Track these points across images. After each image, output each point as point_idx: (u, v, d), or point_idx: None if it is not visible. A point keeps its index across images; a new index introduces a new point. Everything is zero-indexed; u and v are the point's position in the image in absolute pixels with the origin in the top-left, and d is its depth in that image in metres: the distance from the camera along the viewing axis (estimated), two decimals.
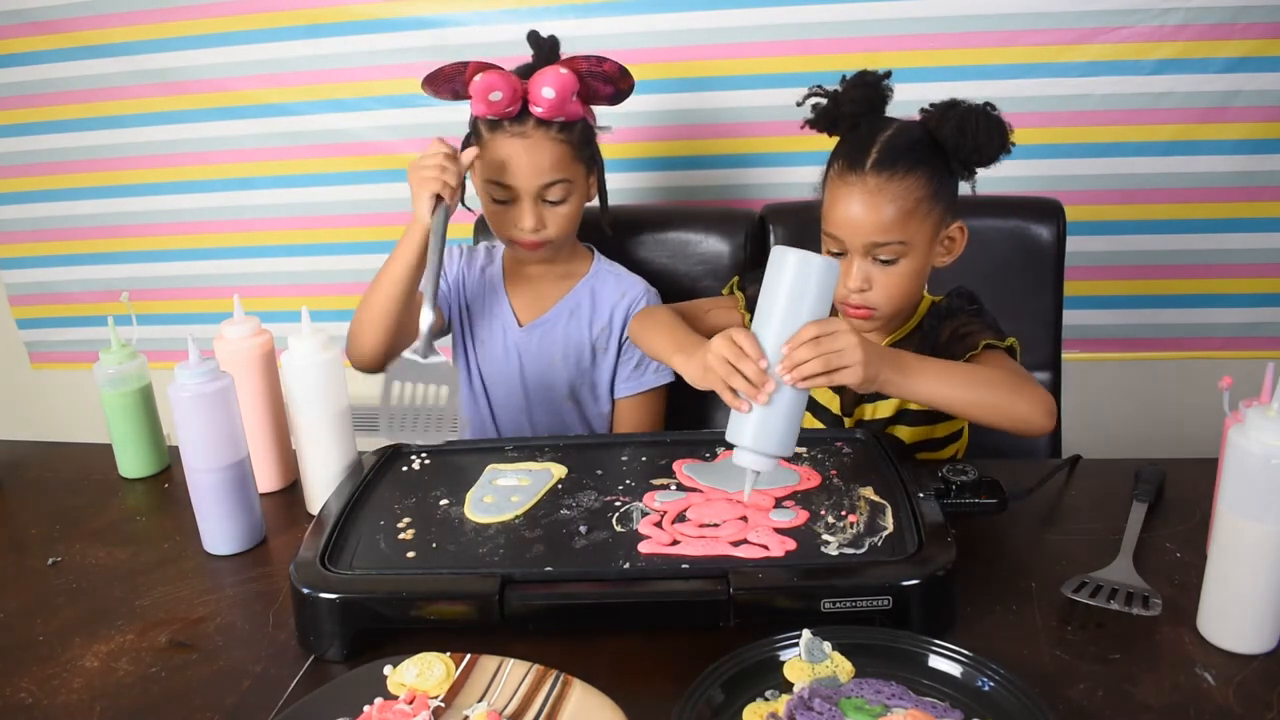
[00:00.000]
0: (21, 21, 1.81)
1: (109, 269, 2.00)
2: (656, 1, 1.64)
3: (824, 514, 0.89)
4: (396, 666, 0.75)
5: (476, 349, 1.38)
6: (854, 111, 1.09)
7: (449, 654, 0.76)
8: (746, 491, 0.89)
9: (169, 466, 1.20)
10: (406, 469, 1.03)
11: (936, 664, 0.73)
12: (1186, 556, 0.90)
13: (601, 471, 1.00)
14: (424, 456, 1.06)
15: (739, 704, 0.70)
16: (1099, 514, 0.98)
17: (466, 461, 1.04)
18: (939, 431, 1.18)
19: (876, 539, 0.84)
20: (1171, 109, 1.60)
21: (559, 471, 1.01)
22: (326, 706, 0.72)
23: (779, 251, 0.87)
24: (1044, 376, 1.40)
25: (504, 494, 0.96)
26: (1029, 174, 1.61)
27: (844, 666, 0.73)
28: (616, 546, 0.86)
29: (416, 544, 0.88)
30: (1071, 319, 1.49)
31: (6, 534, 1.09)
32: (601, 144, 1.33)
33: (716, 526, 0.88)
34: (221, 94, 1.81)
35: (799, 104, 1.13)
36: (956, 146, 1.05)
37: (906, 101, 1.11)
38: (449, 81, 1.22)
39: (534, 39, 1.25)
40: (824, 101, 1.11)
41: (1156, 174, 1.64)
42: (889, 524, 0.87)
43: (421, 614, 0.80)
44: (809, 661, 0.73)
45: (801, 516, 0.89)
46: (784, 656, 0.74)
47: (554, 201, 1.26)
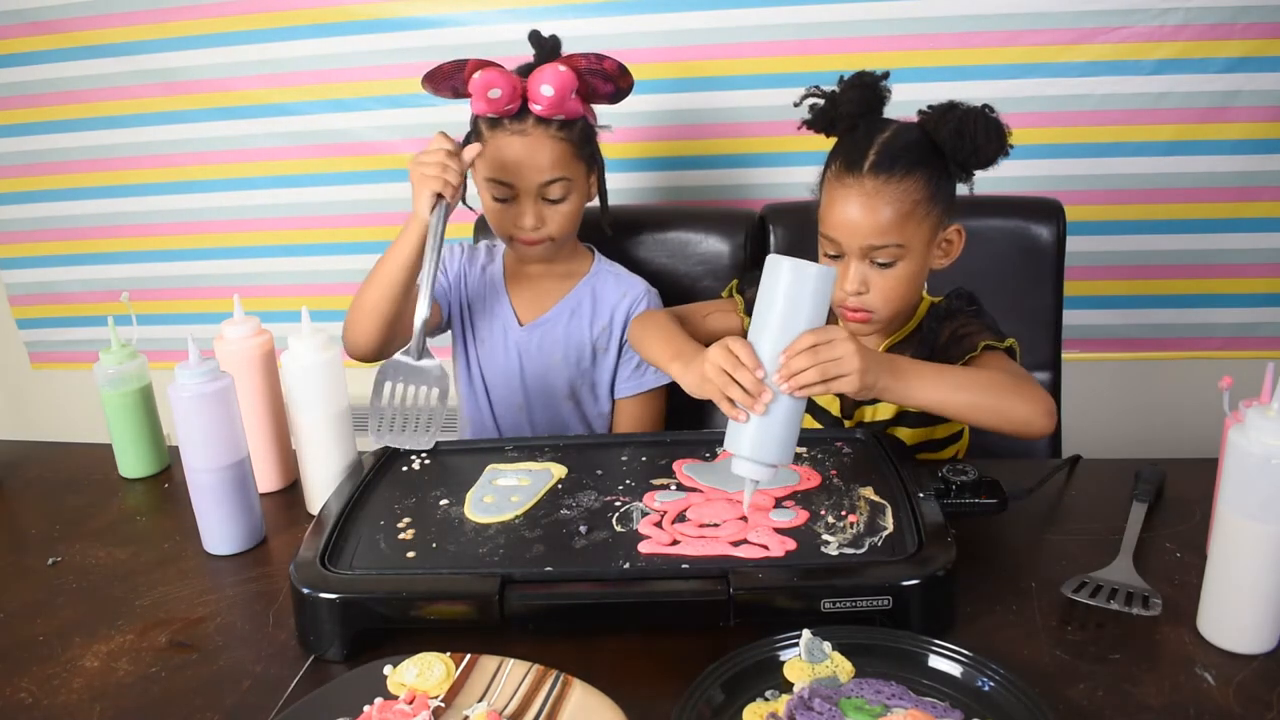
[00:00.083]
0: (21, 21, 1.81)
1: (109, 269, 2.01)
2: (656, 1, 1.64)
3: (824, 514, 0.89)
4: (396, 666, 0.75)
5: (477, 348, 1.38)
6: (851, 112, 1.09)
7: (449, 654, 0.76)
8: (745, 501, 0.89)
9: (169, 466, 1.20)
10: (406, 469, 1.03)
11: (936, 664, 0.73)
12: (1186, 556, 0.90)
13: (601, 471, 1.00)
14: (424, 456, 1.05)
15: (739, 704, 0.70)
16: (1099, 514, 0.98)
17: (466, 461, 1.04)
18: (939, 433, 1.18)
19: (876, 539, 0.84)
20: (1171, 109, 1.60)
21: (559, 471, 1.01)
22: (326, 706, 0.72)
23: (773, 260, 0.87)
24: (1044, 376, 1.40)
25: (504, 494, 0.96)
26: (1029, 174, 1.61)
27: (844, 666, 0.73)
28: (616, 546, 0.86)
29: (416, 544, 0.88)
30: (1071, 319, 1.49)
31: (6, 534, 1.09)
32: (601, 144, 1.33)
33: (716, 526, 0.88)
34: (222, 94, 1.81)
35: (796, 104, 1.12)
36: (955, 149, 1.05)
37: (905, 102, 1.11)
38: (448, 79, 1.21)
39: (535, 39, 1.25)
40: (821, 102, 1.11)
41: (1156, 174, 1.64)
42: (889, 524, 0.87)
43: (421, 614, 0.80)
44: (809, 661, 0.73)
45: (801, 516, 0.89)
46: (784, 656, 0.74)
47: (554, 200, 1.26)
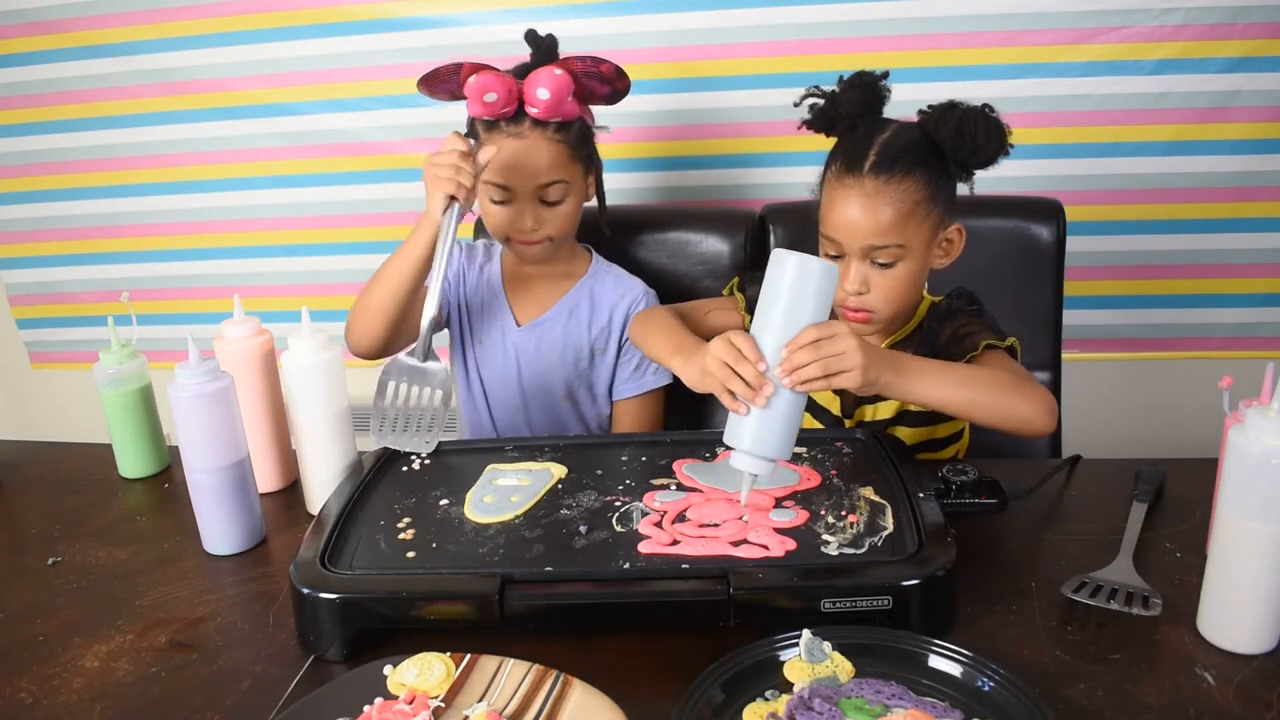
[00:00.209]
0: (21, 21, 1.81)
1: (109, 269, 2.01)
2: (656, 1, 1.64)
3: (824, 514, 0.89)
4: (396, 666, 0.75)
5: (475, 348, 1.38)
6: (851, 112, 1.09)
7: (449, 654, 0.76)
8: (744, 495, 0.89)
9: (169, 466, 1.20)
10: (406, 469, 1.03)
11: (936, 664, 0.73)
12: (1186, 556, 0.90)
13: (601, 471, 1.00)
14: (424, 457, 1.06)
15: (739, 704, 0.70)
16: (1099, 514, 0.98)
17: (466, 461, 1.04)
18: (940, 432, 1.18)
19: (876, 539, 0.84)
20: (1171, 109, 1.60)
21: (559, 471, 1.01)
22: (326, 706, 0.72)
23: (779, 255, 0.87)
24: (1044, 376, 1.40)
25: (504, 494, 0.96)
26: (1029, 174, 1.62)
27: (844, 666, 0.73)
28: (616, 546, 0.86)
29: (416, 544, 0.88)
30: (1071, 319, 1.49)
31: (6, 534, 1.09)
32: (602, 144, 1.33)
33: (716, 526, 0.88)
34: (221, 94, 1.81)
35: (796, 104, 1.12)
36: (955, 148, 1.05)
37: (905, 102, 1.11)
38: (444, 82, 1.21)
39: (532, 38, 1.25)
40: (821, 102, 1.11)
41: (1156, 174, 1.64)
42: (889, 524, 0.87)
43: (421, 614, 0.80)
44: (809, 661, 0.73)
45: (801, 516, 0.89)
46: (784, 656, 0.74)
47: (552, 202, 1.26)
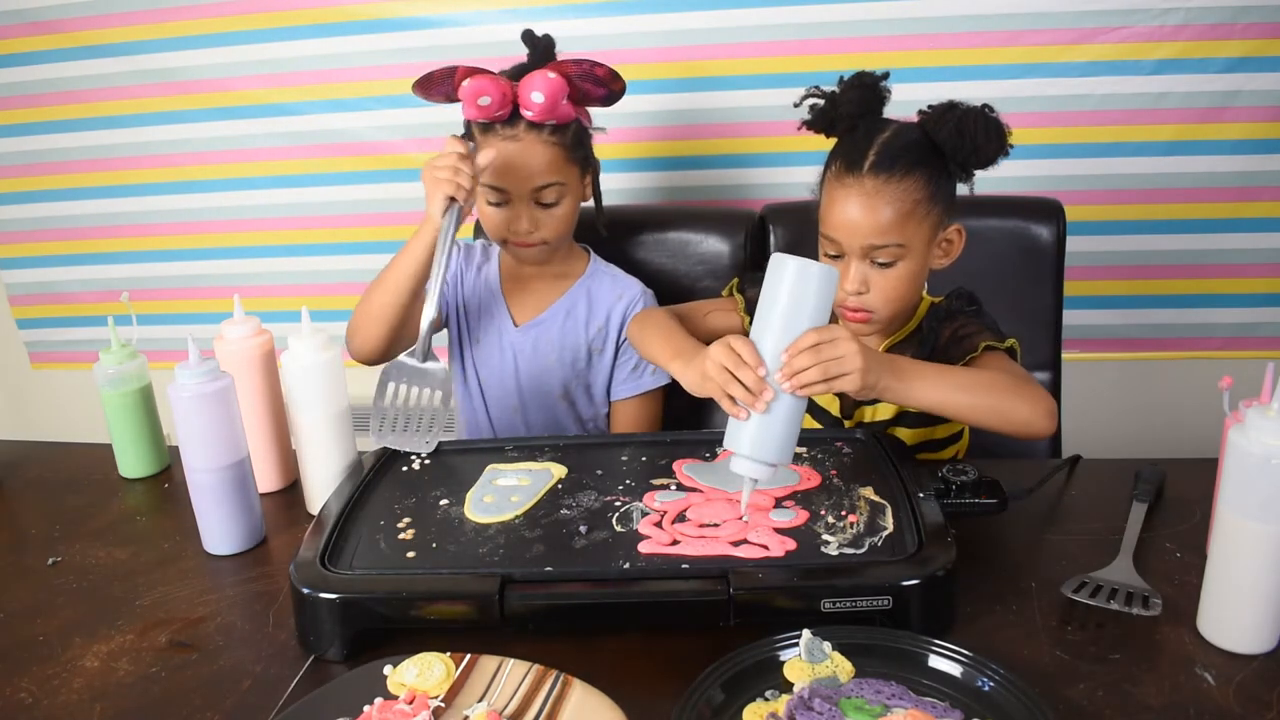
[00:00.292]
0: (21, 21, 1.81)
1: (109, 269, 2.01)
2: (656, 1, 1.64)
3: (824, 514, 0.89)
4: (396, 666, 0.75)
5: (473, 348, 1.38)
6: (851, 113, 1.09)
7: (449, 654, 0.76)
8: (744, 500, 0.88)
9: (169, 466, 1.20)
10: (406, 469, 1.03)
11: (936, 664, 0.73)
12: (1186, 556, 0.90)
13: (601, 471, 1.00)
14: (424, 456, 1.06)
15: (739, 704, 0.70)
16: (1099, 514, 0.98)
17: (466, 461, 1.04)
18: (939, 432, 1.18)
19: (876, 539, 0.84)
20: (1171, 109, 1.60)
21: (559, 471, 1.01)
22: (326, 706, 0.72)
23: (778, 259, 0.87)
24: (1044, 376, 1.40)
25: (504, 494, 0.96)
26: (1029, 174, 1.62)
27: (844, 666, 0.73)
28: (616, 546, 0.86)
29: (416, 544, 0.88)
30: (1071, 319, 1.49)
31: (6, 534, 1.09)
32: (601, 144, 1.33)
33: (716, 526, 0.88)
34: (222, 94, 1.81)
35: (796, 104, 1.12)
36: (955, 148, 1.05)
37: (905, 102, 1.11)
38: (439, 85, 1.21)
39: (529, 38, 1.25)
40: (821, 102, 1.11)
41: (1156, 174, 1.64)
42: (889, 524, 0.87)
43: (421, 614, 0.80)
44: (809, 661, 0.73)
45: (801, 516, 0.89)
46: (784, 656, 0.74)
47: (548, 204, 1.26)
